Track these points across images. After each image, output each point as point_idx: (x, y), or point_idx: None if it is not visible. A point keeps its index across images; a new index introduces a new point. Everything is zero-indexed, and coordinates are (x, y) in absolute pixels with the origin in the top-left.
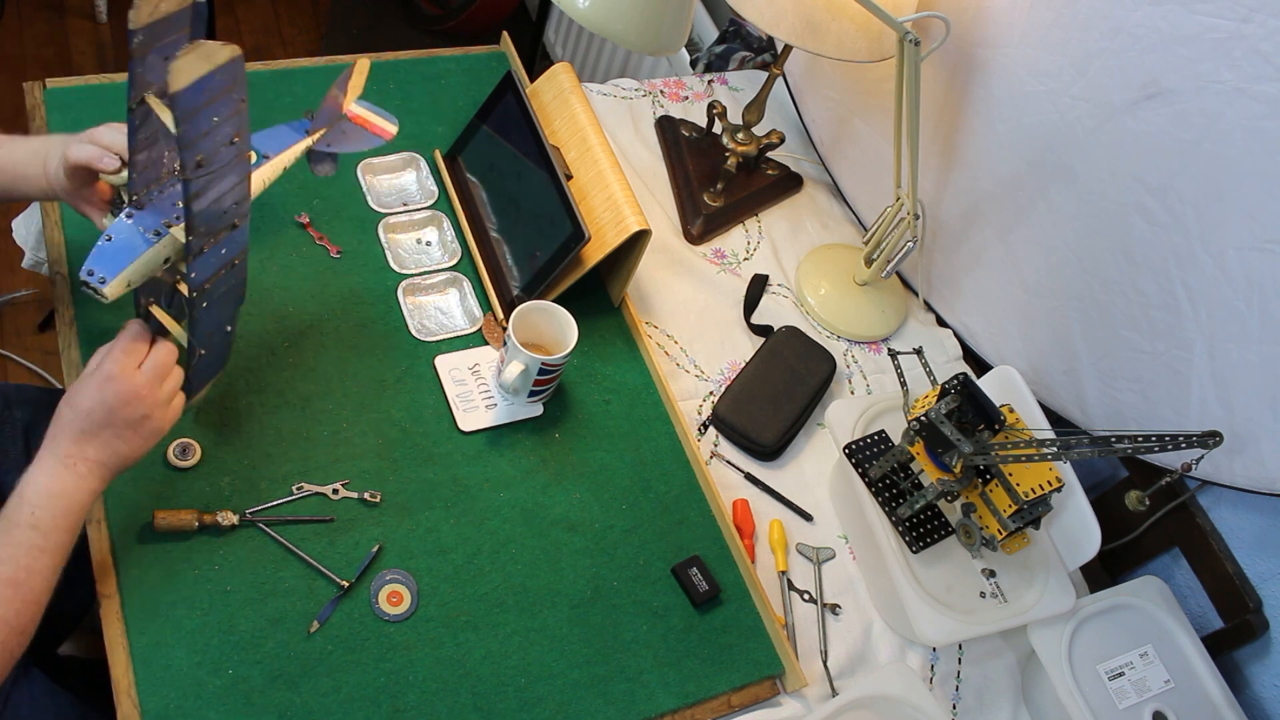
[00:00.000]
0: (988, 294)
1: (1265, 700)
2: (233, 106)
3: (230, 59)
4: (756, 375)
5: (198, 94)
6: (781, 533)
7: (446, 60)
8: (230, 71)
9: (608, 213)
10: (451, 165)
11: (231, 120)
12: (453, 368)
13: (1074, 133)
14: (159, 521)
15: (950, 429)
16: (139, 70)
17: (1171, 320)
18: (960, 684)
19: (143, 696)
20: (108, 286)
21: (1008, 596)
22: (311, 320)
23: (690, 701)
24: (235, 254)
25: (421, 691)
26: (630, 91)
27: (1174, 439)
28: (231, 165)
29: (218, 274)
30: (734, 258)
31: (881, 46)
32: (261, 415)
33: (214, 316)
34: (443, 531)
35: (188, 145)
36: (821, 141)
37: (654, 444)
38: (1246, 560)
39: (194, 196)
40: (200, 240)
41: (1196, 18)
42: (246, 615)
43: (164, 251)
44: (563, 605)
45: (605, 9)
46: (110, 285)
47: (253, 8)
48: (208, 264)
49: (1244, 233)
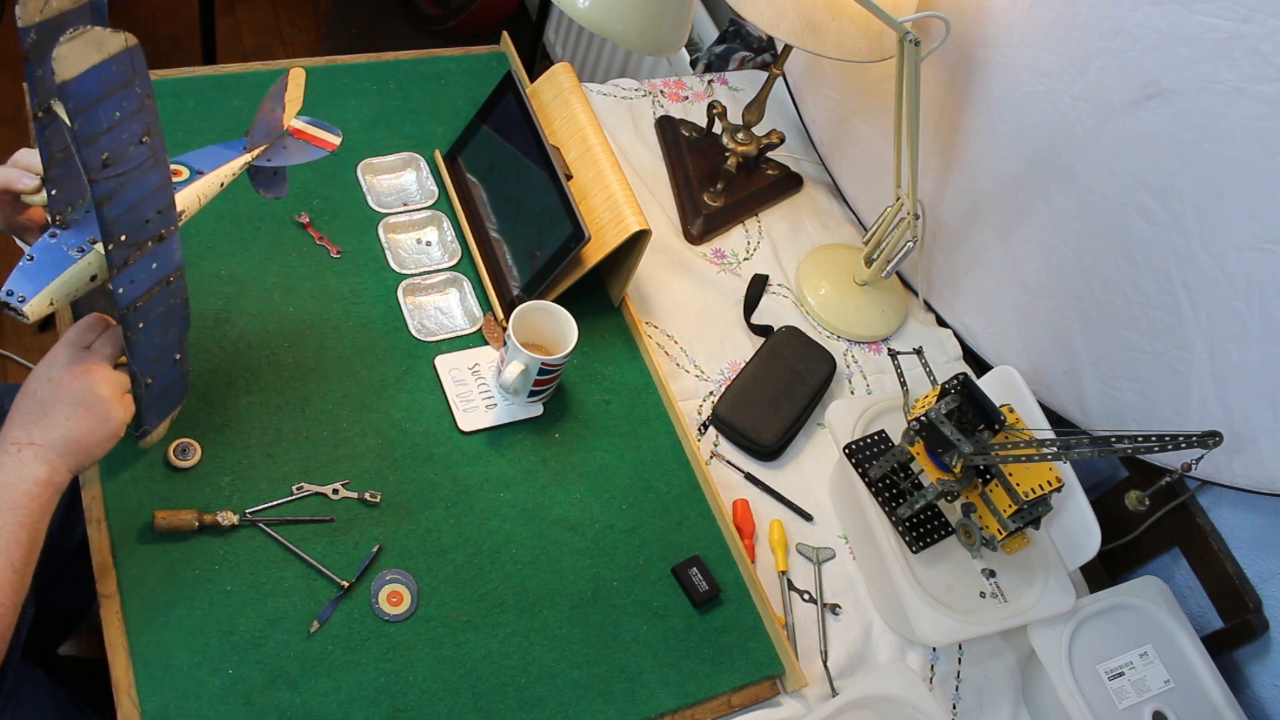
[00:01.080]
0: (988, 294)
1: (1265, 700)
2: (136, 101)
3: (124, 48)
4: (756, 375)
5: (92, 85)
6: (781, 533)
7: (446, 60)
8: (127, 62)
9: (608, 213)
10: (451, 165)
11: (137, 117)
12: (453, 368)
13: (1074, 133)
14: (159, 521)
15: (950, 429)
16: (39, 73)
17: (1171, 320)
18: (960, 684)
19: (143, 696)
20: (28, 305)
21: (1008, 596)
22: (311, 320)
23: (690, 701)
24: (169, 271)
25: (421, 691)
26: (630, 91)
27: (1174, 439)
28: (146, 167)
29: (150, 292)
30: (734, 258)
31: (881, 46)
32: (261, 415)
33: (154, 341)
34: (443, 531)
35: (88, 141)
36: (821, 141)
37: (654, 444)
38: (1246, 560)
39: (104, 200)
40: (123, 251)
41: (1196, 18)
42: (246, 615)
43: (89, 269)
44: (563, 605)
45: (605, 9)
46: (31, 304)
47: (253, 8)
48: (137, 280)
49: (1244, 233)
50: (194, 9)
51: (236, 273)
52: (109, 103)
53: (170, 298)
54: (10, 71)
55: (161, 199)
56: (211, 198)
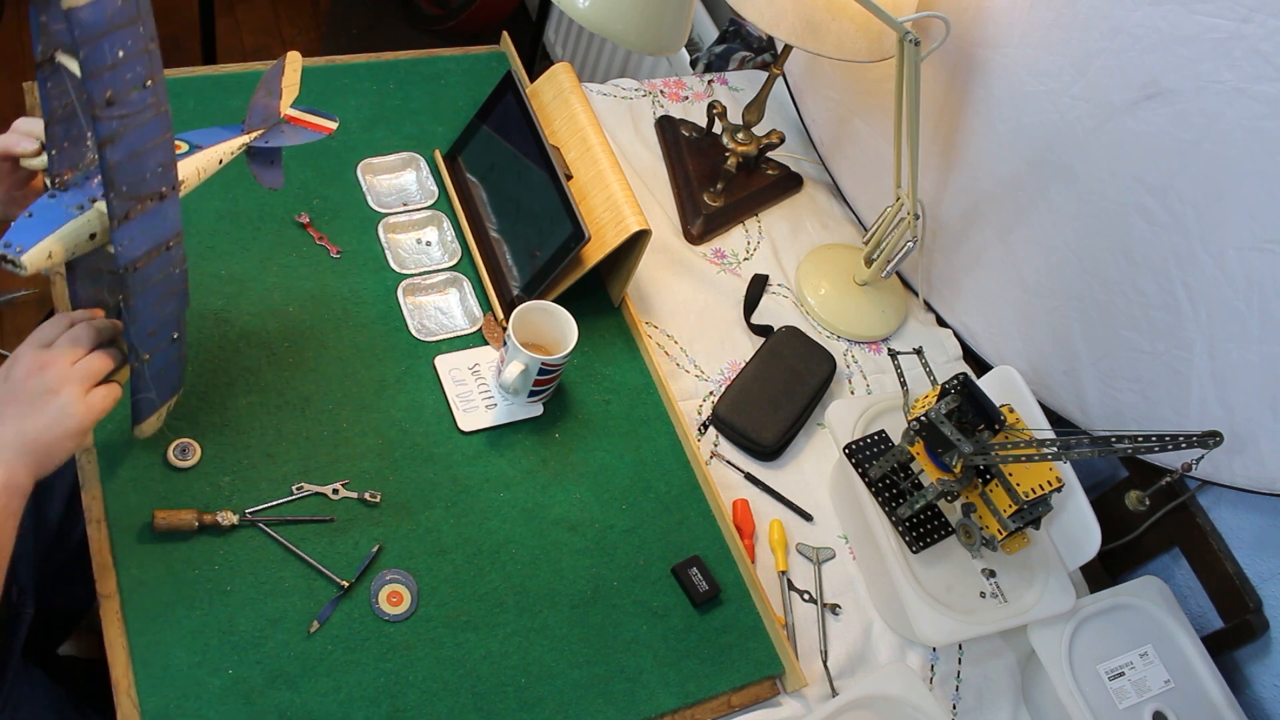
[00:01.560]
0: (988, 294)
1: (1265, 700)
2: (139, 43)
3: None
4: (756, 375)
5: (98, 16)
6: (781, 533)
7: (446, 60)
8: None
9: (608, 213)
10: (451, 165)
11: (140, 59)
12: (453, 368)
13: (1074, 133)
14: (159, 521)
15: (950, 429)
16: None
17: (1171, 320)
18: (960, 684)
19: (142, 696)
20: (25, 256)
21: (1008, 596)
22: (311, 320)
23: (690, 701)
24: (168, 235)
25: (421, 691)
26: (630, 91)
27: (1174, 439)
28: (148, 114)
29: (150, 255)
30: (734, 258)
31: (881, 46)
32: (261, 415)
33: (153, 311)
34: (443, 531)
35: (92, 75)
36: (821, 141)
37: (654, 444)
38: (1246, 560)
39: (107, 141)
40: (124, 204)
41: (1196, 18)
42: (246, 615)
43: (88, 226)
44: (563, 605)
45: (605, 9)
46: (28, 255)
47: (253, 8)
48: (136, 236)
49: (1244, 233)
50: (194, 9)
51: (236, 273)
52: (114, 38)
53: (169, 265)
54: (10, 71)
55: (164, 154)
56: (210, 174)
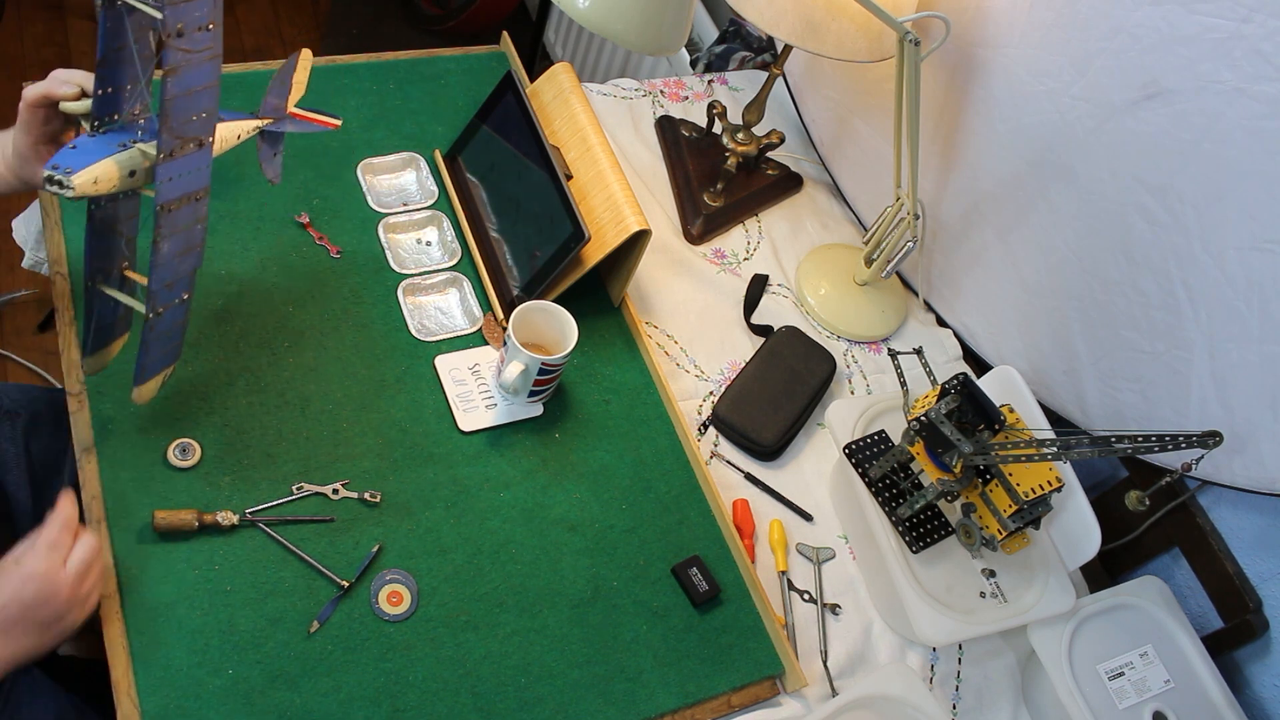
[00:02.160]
0: (988, 294)
1: (1265, 700)
2: None
3: None
4: (756, 375)
5: None
6: (781, 533)
7: (446, 60)
8: None
9: (608, 213)
10: (451, 165)
11: (207, 1)
12: (453, 368)
13: (1074, 133)
14: (159, 521)
15: (950, 429)
16: None
17: (1171, 320)
18: (960, 684)
19: (143, 696)
20: (75, 177)
21: (1008, 596)
22: (311, 320)
23: (690, 701)
24: (199, 187)
25: (421, 691)
26: (630, 91)
27: (1174, 439)
28: (205, 56)
29: (183, 200)
30: (734, 258)
31: (881, 46)
32: (261, 415)
33: (174, 263)
34: (443, 531)
35: (172, 3)
36: (821, 141)
37: (654, 444)
38: (1246, 560)
39: (170, 72)
40: (171, 140)
41: (1196, 18)
42: (246, 615)
43: (130, 162)
44: (563, 605)
45: (605, 9)
46: (78, 175)
47: (253, 8)
48: (175, 177)
49: (1244, 233)
50: None
51: (236, 273)
52: None
53: (194, 218)
54: (10, 71)
55: (210, 99)
56: (227, 148)
